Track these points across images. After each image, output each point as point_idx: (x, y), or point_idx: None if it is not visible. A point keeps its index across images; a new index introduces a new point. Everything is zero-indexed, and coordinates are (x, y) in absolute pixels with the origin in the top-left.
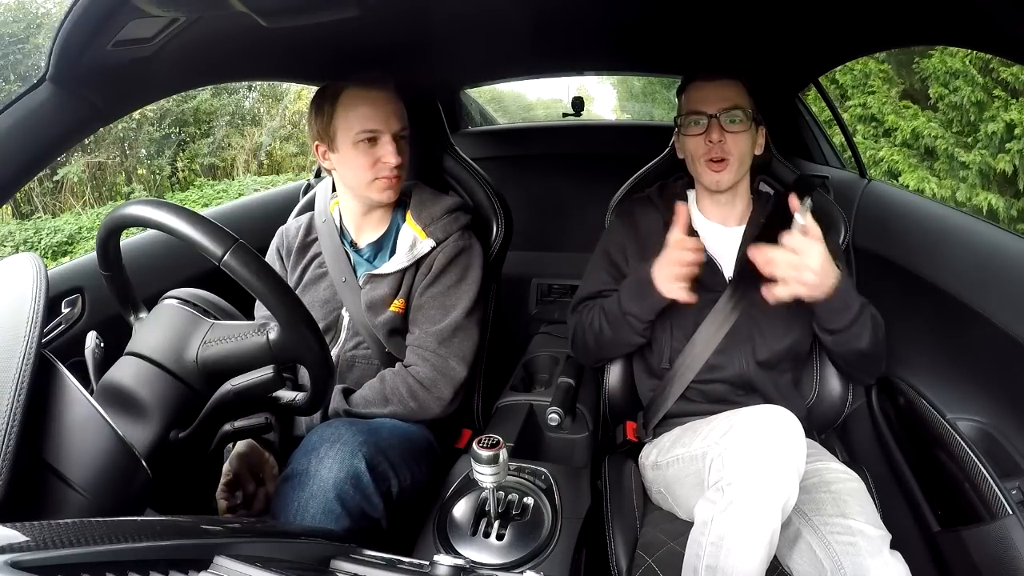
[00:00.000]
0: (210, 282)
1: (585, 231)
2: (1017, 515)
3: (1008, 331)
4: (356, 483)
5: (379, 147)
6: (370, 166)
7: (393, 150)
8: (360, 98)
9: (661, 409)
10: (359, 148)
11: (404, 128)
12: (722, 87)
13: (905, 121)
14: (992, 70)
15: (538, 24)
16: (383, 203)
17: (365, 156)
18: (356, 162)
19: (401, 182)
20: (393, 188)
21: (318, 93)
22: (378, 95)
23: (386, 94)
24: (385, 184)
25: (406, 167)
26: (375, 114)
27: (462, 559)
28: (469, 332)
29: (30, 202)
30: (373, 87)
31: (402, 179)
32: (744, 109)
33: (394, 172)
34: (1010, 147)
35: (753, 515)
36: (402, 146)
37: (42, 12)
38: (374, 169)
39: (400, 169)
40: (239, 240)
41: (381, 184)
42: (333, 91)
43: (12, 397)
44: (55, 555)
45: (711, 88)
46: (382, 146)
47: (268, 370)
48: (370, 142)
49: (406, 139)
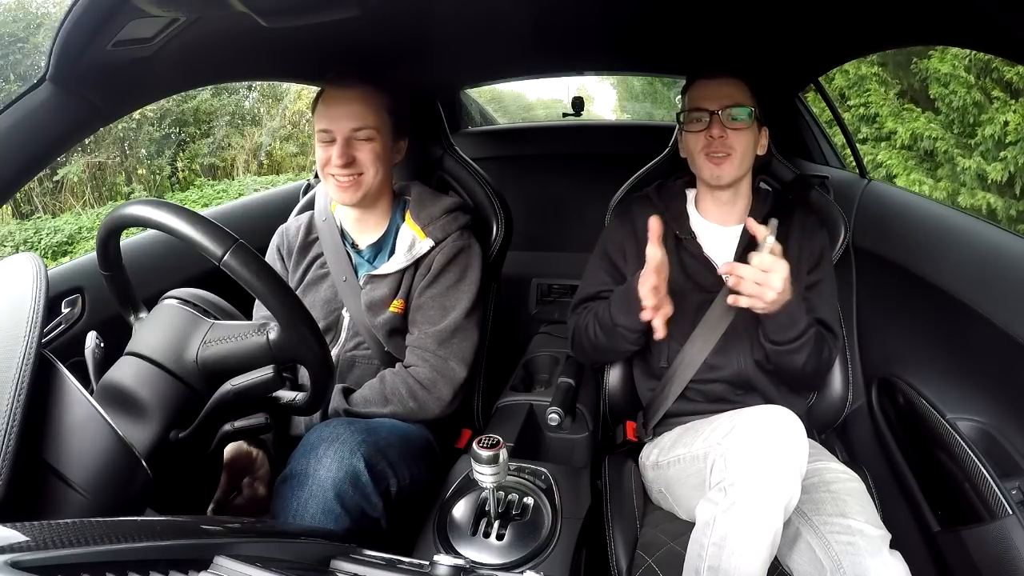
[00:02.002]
0: (210, 282)
1: (585, 231)
2: (1017, 515)
3: (1008, 331)
4: (355, 483)
5: (332, 147)
6: (323, 164)
7: (339, 151)
8: (324, 97)
9: (661, 409)
10: (320, 147)
11: (361, 128)
12: (724, 85)
13: (904, 125)
14: (993, 70)
15: (538, 24)
16: (345, 204)
17: (323, 153)
18: (318, 159)
19: (363, 185)
20: (348, 190)
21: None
22: (338, 94)
23: (346, 93)
24: (336, 184)
25: (374, 170)
26: (328, 113)
27: (462, 559)
28: (469, 332)
29: (30, 202)
30: (336, 85)
31: (364, 182)
32: (746, 107)
33: (343, 172)
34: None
35: (756, 516)
36: (359, 147)
37: (42, 12)
38: (326, 168)
39: (356, 168)
40: (239, 240)
41: (332, 183)
42: (321, 89)
43: (12, 397)
44: (55, 555)
45: (713, 86)
46: (334, 147)
47: (268, 370)
48: (326, 141)
49: (370, 139)
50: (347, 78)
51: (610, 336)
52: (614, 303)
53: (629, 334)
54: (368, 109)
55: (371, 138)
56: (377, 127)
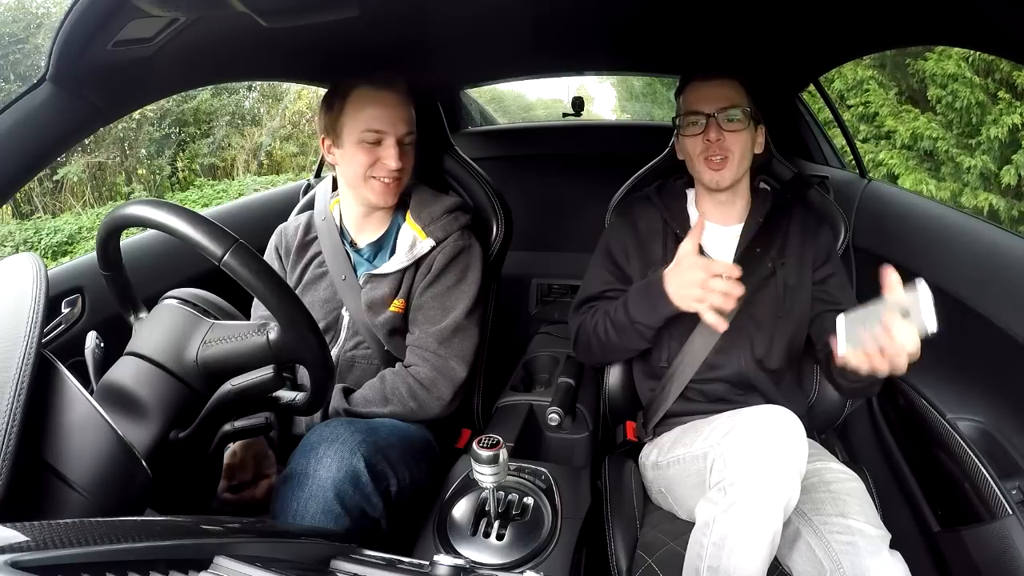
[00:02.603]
0: (210, 282)
1: (585, 231)
2: (1017, 515)
3: (1008, 331)
4: (355, 482)
5: (381, 148)
6: (369, 165)
7: (395, 153)
8: (369, 98)
9: (661, 409)
10: (362, 147)
11: (410, 133)
12: (719, 86)
13: (904, 124)
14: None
15: (538, 24)
16: (380, 206)
17: (367, 155)
18: (357, 160)
19: (401, 187)
20: (390, 192)
21: (331, 88)
22: (388, 96)
23: (396, 96)
24: (381, 187)
25: (408, 172)
26: (382, 115)
27: (462, 559)
28: (469, 332)
29: (30, 202)
30: (384, 88)
31: (402, 184)
32: (742, 107)
33: (393, 175)
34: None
35: (755, 516)
36: (406, 151)
37: (42, 12)
38: (373, 169)
39: (401, 173)
40: (239, 240)
41: (377, 186)
42: (345, 87)
43: (12, 397)
44: (55, 555)
45: (708, 88)
46: (385, 148)
47: (268, 370)
48: (373, 143)
49: (412, 144)
50: (399, 81)
51: (624, 334)
52: (632, 300)
53: (647, 331)
54: (412, 114)
55: (414, 142)
56: (416, 131)
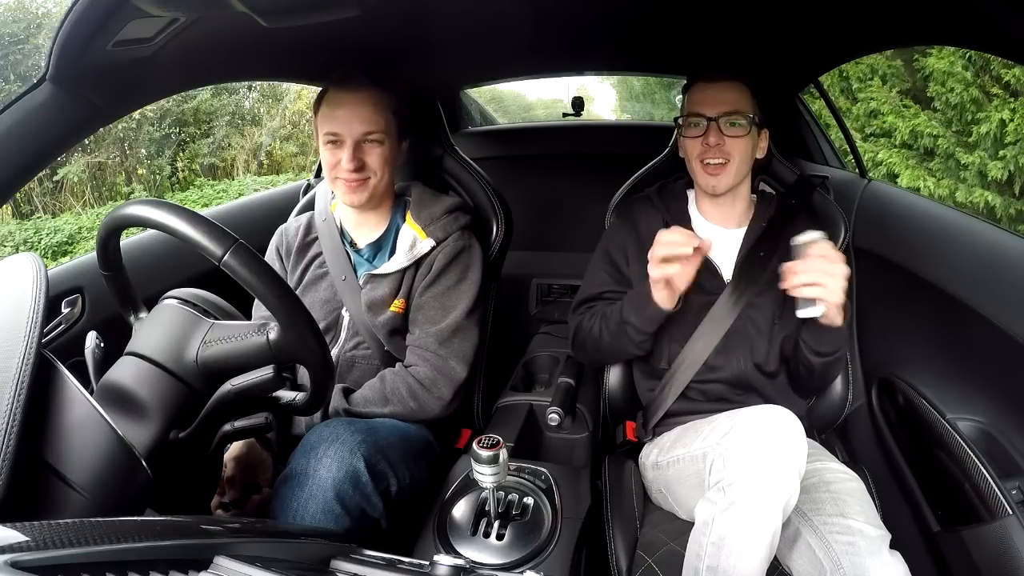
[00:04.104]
0: (210, 282)
1: (585, 231)
2: (1017, 515)
3: (1008, 331)
4: (355, 482)
5: (341, 150)
6: (333, 166)
7: (348, 156)
8: (329, 99)
9: (660, 409)
10: (327, 148)
11: (372, 132)
12: (723, 90)
13: (904, 122)
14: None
15: (538, 24)
16: (352, 206)
17: (331, 156)
18: (325, 160)
19: (369, 187)
20: (355, 192)
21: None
22: (345, 97)
23: (355, 96)
24: (345, 187)
25: (380, 172)
26: (336, 116)
27: (462, 559)
28: (469, 332)
29: (30, 202)
30: (341, 89)
31: (370, 184)
32: (744, 113)
33: (352, 176)
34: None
35: (754, 515)
36: (369, 150)
37: (42, 12)
38: (335, 170)
39: (366, 173)
40: (239, 240)
41: (341, 186)
42: (322, 90)
43: (12, 397)
44: (55, 555)
45: (712, 91)
46: (343, 150)
47: (268, 370)
48: (334, 144)
49: (379, 143)
50: (355, 80)
51: (617, 336)
52: (627, 300)
53: (636, 334)
54: (377, 112)
55: (380, 141)
56: (385, 130)
